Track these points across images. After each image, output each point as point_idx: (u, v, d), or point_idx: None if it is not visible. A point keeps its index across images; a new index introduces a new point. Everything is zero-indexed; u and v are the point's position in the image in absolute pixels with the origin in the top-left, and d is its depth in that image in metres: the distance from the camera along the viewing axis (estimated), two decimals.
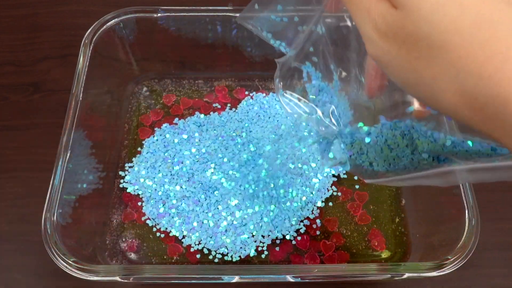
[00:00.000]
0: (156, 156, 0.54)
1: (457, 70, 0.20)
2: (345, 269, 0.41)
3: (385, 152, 0.31)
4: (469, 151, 0.28)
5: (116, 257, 0.49)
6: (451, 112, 0.21)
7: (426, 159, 0.30)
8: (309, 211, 0.50)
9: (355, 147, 0.33)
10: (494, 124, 0.20)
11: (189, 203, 0.50)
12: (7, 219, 0.51)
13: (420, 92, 0.23)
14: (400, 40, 0.21)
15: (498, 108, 0.19)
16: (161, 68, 0.61)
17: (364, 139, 0.32)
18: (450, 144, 0.29)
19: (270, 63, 0.59)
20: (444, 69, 0.20)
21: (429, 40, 0.20)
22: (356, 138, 0.33)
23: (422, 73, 0.21)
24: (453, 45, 0.20)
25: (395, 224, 0.50)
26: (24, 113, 0.58)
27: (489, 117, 0.20)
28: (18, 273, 0.48)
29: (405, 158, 0.31)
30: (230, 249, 0.48)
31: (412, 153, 0.31)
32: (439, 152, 0.29)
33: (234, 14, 0.54)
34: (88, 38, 0.51)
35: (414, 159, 0.31)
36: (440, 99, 0.21)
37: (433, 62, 0.21)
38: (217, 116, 0.57)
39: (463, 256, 0.39)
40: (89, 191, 0.49)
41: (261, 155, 0.53)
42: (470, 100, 0.20)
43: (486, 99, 0.19)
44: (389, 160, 0.32)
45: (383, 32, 0.22)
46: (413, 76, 0.22)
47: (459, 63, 0.20)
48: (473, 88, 0.19)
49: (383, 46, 0.22)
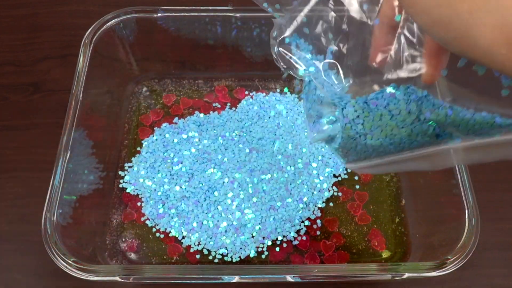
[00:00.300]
0: (156, 156, 0.54)
1: (498, 1, 0.18)
2: (345, 269, 0.41)
3: (385, 119, 0.29)
4: (471, 122, 0.27)
5: (116, 257, 0.49)
6: (485, 51, 0.20)
7: (428, 132, 0.28)
8: (310, 212, 0.50)
9: (353, 112, 0.30)
10: None
11: (189, 204, 0.50)
12: (7, 219, 0.51)
13: (452, 31, 0.20)
14: None
15: None
16: (161, 68, 0.61)
17: (367, 100, 0.30)
18: (452, 114, 0.27)
19: (270, 63, 0.59)
20: (483, 0, 0.19)
21: None
22: (359, 100, 0.30)
23: (458, 6, 0.19)
24: None
25: (395, 224, 0.50)
26: (24, 113, 0.58)
27: None
28: (18, 273, 0.48)
29: (404, 130, 0.29)
30: (230, 250, 0.48)
31: (412, 123, 0.29)
32: (442, 121, 0.28)
33: (234, 14, 0.54)
34: (88, 38, 0.51)
35: (414, 130, 0.29)
36: (475, 37, 0.19)
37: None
38: (216, 115, 0.57)
39: (463, 256, 0.39)
40: (89, 191, 0.49)
41: (263, 154, 0.53)
42: (511, 35, 0.18)
43: None
44: (386, 131, 0.29)
45: None
46: (447, 11, 0.20)
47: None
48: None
49: None
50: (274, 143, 0.54)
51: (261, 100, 0.58)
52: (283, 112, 0.57)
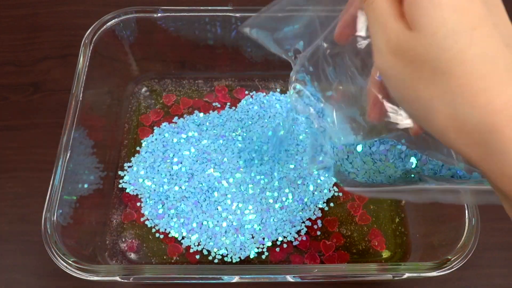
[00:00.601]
0: (155, 155, 0.54)
1: (454, 96, 0.22)
2: (345, 269, 0.41)
3: (368, 165, 0.34)
4: (438, 174, 0.32)
5: (116, 257, 0.49)
6: (439, 132, 0.23)
7: (406, 178, 0.33)
8: (311, 212, 0.50)
9: (343, 153, 0.35)
10: (477, 149, 0.22)
11: (189, 204, 0.50)
12: (7, 219, 0.51)
13: (415, 110, 0.24)
14: (408, 59, 0.23)
15: (484, 134, 0.21)
16: (161, 68, 0.61)
17: (356, 147, 0.34)
18: (426, 168, 0.33)
19: (270, 63, 0.60)
20: (442, 93, 0.22)
21: (435, 64, 0.22)
22: (347, 144, 0.35)
23: (421, 92, 0.23)
24: (456, 73, 0.21)
25: (395, 224, 0.50)
26: (24, 113, 0.58)
27: (474, 141, 0.22)
28: (18, 273, 0.48)
29: (384, 175, 0.33)
30: (230, 250, 0.48)
31: (392, 171, 0.33)
32: (418, 172, 0.33)
33: (234, 14, 0.54)
34: (88, 38, 0.51)
35: (392, 176, 0.33)
36: (431, 119, 0.23)
37: (433, 85, 0.22)
38: (216, 115, 0.57)
39: (463, 256, 0.39)
40: (89, 191, 0.49)
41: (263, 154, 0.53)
42: (460, 125, 0.22)
43: (474, 125, 0.21)
44: (369, 173, 0.34)
45: (394, 48, 0.23)
46: (412, 93, 0.23)
47: (457, 90, 0.21)
48: (464, 114, 0.21)
49: (391, 60, 0.24)
50: (274, 143, 0.54)
51: (261, 100, 0.58)
52: (283, 112, 0.57)
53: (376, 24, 0.24)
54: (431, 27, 0.22)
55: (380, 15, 0.24)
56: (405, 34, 0.23)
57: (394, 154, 0.33)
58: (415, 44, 0.22)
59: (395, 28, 0.23)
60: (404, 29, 0.23)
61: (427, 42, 0.22)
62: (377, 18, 0.24)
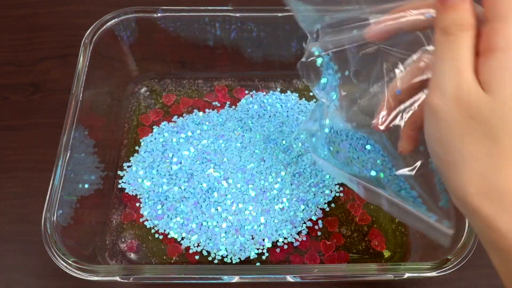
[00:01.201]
0: (154, 155, 0.53)
1: (493, 159, 0.23)
2: (345, 269, 0.41)
3: (347, 150, 0.38)
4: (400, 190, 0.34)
5: (116, 257, 0.49)
6: (459, 182, 0.24)
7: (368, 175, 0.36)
8: (312, 213, 0.50)
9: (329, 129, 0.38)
10: (489, 205, 0.23)
11: (188, 205, 0.50)
12: (7, 219, 0.51)
13: (446, 155, 0.25)
14: (469, 114, 0.23)
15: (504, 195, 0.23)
16: (161, 68, 0.61)
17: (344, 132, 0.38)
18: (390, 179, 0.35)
19: (270, 63, 0.60)
20: (485, 155, 0.23)
21: (492, 129, 0.23)
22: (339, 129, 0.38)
23: (464, 145, 0.23)
24: (505, 143, 0.22)
25: (395, 224, 0.50)
26: (24, 113, 0.58)
27: (491, 200, 0.23)
28: (18, 273, 0.48)
29: (354, 164, 0.37)
30: (229, 251, 0.48)
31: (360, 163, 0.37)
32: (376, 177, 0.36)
33: (234, 14, 0.54)
34: (88, 38, 0.51)
35: (359, 170, 0.37)
36: (459, 171, 0.24)
37: (480, 144, 0.23)
38: (216, 114, 0.57)
39: (463, 256, 0.39)
40: (89, 191, 0.49)
41: (263, 155, 0.53)
42: (483, 184, 0.23)
43: (497, 188, 0.23)
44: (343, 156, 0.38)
45: (461, 100, 0.23)
46: (454, 142, 0.24)
47: (499, 155, 0.23)
48: (495, 176, 0.23)
49: (451, 107, 0.23)
50: (274, 143, 0.54)
51: (261, 99, 0.58)
52: (283, 111, 0.57)
53: (448, 64, 0.24)
54: (504, 96, 0.22)
55: (457, 58, 0.24)
56: (478, 93, 0.23)
57: (374, 156, 0.36)
58: (482, 104, 0.23)
59: (470, 82, 0.23)
60: (479, 87, 0.23)
61: (495, 107, 0.22)
62: (453, 59, 0.24)
